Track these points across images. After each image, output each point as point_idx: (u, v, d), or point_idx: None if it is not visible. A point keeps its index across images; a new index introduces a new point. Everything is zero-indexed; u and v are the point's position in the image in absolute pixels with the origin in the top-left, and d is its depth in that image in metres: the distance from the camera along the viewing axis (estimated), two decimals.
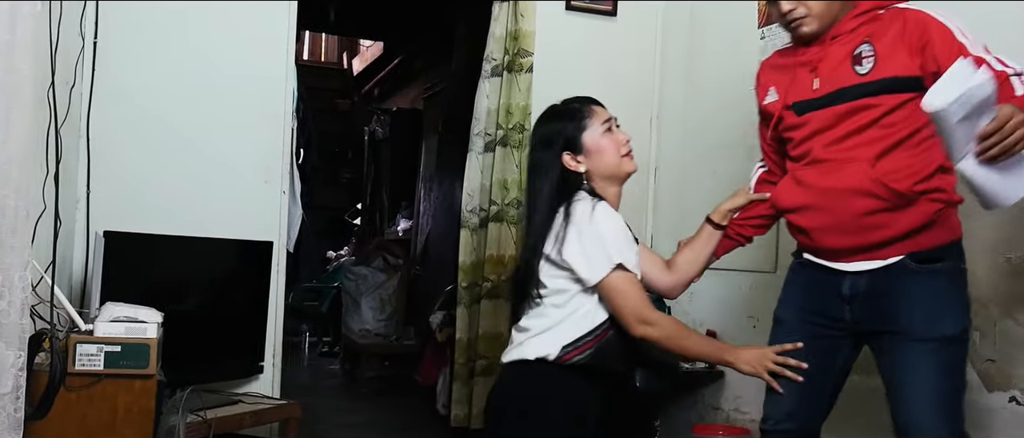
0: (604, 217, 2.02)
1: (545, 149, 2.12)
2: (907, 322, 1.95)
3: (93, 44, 3.12)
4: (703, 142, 3.78)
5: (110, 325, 2.08)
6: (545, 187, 2.09)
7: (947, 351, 1.96)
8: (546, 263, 2.05)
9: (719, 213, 2.29)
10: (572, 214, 2.03)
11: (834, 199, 2.00)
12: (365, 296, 6.54)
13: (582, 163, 2.10)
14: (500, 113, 3.67)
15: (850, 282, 2.04)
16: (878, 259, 2.00)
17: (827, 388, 2.13)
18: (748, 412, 3.43)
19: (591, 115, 2.14)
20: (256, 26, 3.43)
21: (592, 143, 2.11)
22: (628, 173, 2.18)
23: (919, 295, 1.96)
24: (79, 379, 2.02)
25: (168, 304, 2.38)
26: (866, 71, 1.98)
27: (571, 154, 2.10)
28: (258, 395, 3.29)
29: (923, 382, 1.94)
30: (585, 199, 2.05)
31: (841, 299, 2.05)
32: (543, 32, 3.74)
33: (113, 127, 3.19)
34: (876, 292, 2.01)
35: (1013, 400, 2.38)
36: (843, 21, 2.04)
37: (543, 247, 2.04)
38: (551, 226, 2.05)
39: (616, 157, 2.13)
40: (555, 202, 2.07)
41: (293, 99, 3.57)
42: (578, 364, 2.02)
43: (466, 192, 3.73)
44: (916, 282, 1.96)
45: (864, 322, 2.04)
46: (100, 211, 3.14)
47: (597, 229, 2.00)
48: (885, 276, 1.99)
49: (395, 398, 5.62)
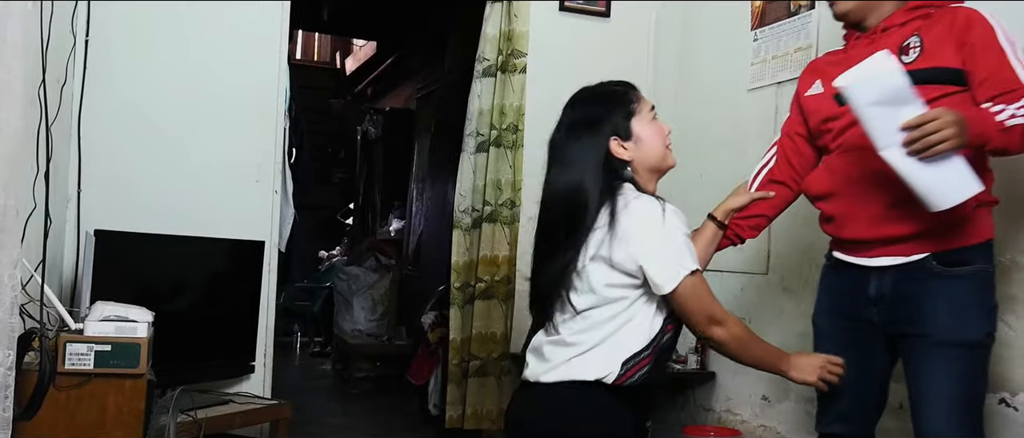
0: (675, 219, 1.84)
1: (588, 133, 1.89)
2: (931, 327, 1.96)
3: (85, 42, 3.11)
4: (695, 143, 3.77)
5: (100, 324, 2.07)
6: (586, 176, 1.85)
7: (970, 357, 1.96)
8: (597, 265, 1.83)
9: (722, 211, 2.24)
10: (635, 212, 1.82)
11: (862, 187, 2.01)
12: (357, 296, 6.54)
13: (628, 151, 1.91)
14: (493, 113, 3.67)
15: (876, 282, 2.05)
16: (902, 255, 2.00)
17: (872, 389, 2.15)
18: (739, 413, 3.44)
19: (639, 100, 1.95)
20: (248, 25, 3.42)
21: (641, 130, 1.92)
22: (670, 167, 1.98)
23: (943, 299, 1.96)
24: (69, 379, 2.00)
25: (159, 303, 2.37)
26: (911, 60, 1.97)
27: (619, 140, 1.90)
28: (249, 395, 3.28)
29: (943, 390, 1.95)
30: (643, 196, 1.86)
31: (868, 301, 2.07)
32: (536, 33, 3.74)
33: (104, 125, 3.18)
34: (901, 295, 2.01)
35: (1003, 402, 2.38)
36: (895, 15, 2.06)
37: (590, 246, 1.82)
38: (597, 221, 1.83)
39: (663, 147, 1.95)
40: (603, 193, 1.84)
41: (285, 98, 3.56)
42: (637, 384, 1.82)
43: (459, 192, 3.73)
44: (941, 286, 1.96)
45: (891, 324, 2.05)
46: (90, 210, 3.13)
47: (669, 232, 1.82)
48: (910, 278, 1.99)
49: (387, 398, 5.61)
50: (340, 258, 7.98)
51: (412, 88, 7.65)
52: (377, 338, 6.34)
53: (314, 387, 6.11)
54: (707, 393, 3.60)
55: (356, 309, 6.48)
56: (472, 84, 3.74)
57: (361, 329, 6.41)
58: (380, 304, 6.56)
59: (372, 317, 6.50)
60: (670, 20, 4.02)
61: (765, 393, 3.32)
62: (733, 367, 3.47)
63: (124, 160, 3.22)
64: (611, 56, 4.01)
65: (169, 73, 3.30)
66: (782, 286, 3.23)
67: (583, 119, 1.92)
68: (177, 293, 3.11)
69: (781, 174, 2.29)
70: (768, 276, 3.30)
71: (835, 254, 2.19)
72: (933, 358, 1.96)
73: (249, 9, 3.42)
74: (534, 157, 3.73)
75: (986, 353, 2.01)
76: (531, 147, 3.69)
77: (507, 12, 3.69)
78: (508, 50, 3.68)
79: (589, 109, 1.93)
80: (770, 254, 3.28)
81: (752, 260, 3.29)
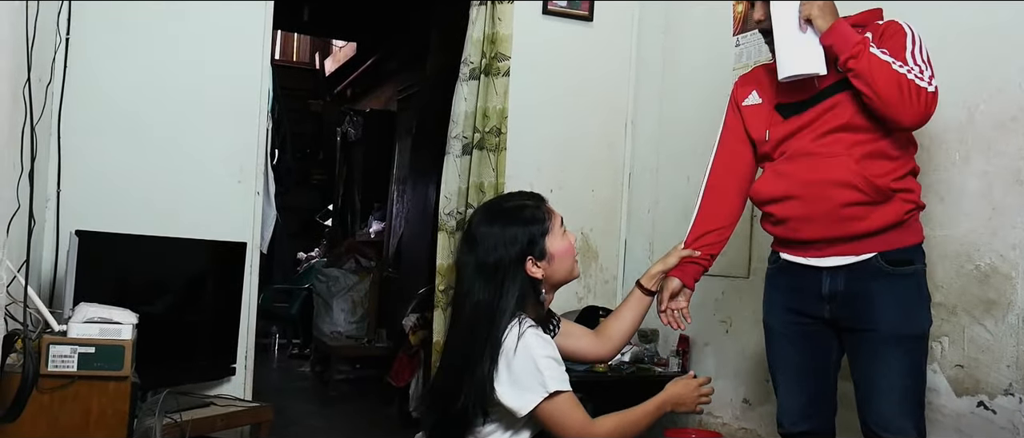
0: (536, 343, 1.86)
1: (505, 253, 1.91)
2: (881, 321, 2.09)
3: (65, 41, 3.08)
4: (677, 147, 3.81)
5: (84, 326, 2.06)
6: (509, 300, 1.88)
7: (917, 350, 2.12)
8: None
9: (649, 278, 2.29)
10: (507, 348, 1.85)
11: (817, 190, 2.12)
12: (336, 298, 6.51)
13: (541, 269, 1.94)
14: (477, 116, 3.67)
15: (829, 281, 2.17)
16: (852, 254, 2.13)
17: (829, 382, 2.27)
18: (720, 416, 3.46)
19: (551, 215, 1.99)
20: (232, 25, 3.40)
21: (555, 248, 1.96)
22: (575, 277, 2.05)
23: (892, 297, 2.10)
24: (52, 380, 1.99)
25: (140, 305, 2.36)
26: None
27: (533, 260, 1.93)
28: (230, 397, 3.26)
29: (896, 382, 2.08)
30: (513, 332, 1.87)
31: (821, 298, 2.19)
32: (520, 36, 3.74)
33: (86, 125, 3.15)
34: (852, 292, 2.14)
35: (981, 405, 2.42)
36: None
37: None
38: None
39: (571, 261, 2.01)
40: (512, 315, 1.88)
41: (268, 99, 3.54)
42: None
43: (444, 194, 3.73)
44: (890, 284, 2.10)
45: (842, 320, 2.17)
46: (71, 210, 3.10)
47: (528, 355, 1.84)
48: (861, 277, 2.12)
49: (367, 401, 5.59)
50: (319, 260, 7.94)
51: (393, 90, 7.63)
52: (357, 340, 6.31)
53: (293, 389, 6.07)
54: None
55: (336, 311, 6.45)
56: (457, 86, 3.74)
57: (341, 331, 6.38)
58: (360, 306, 6.53)
59: (352, 319, 6.47)
60: (653, 24, 4.05)
61: (746, 396, 3.35)
62: (714, 370, 3.50)
63: (105, 160, 3.19)
64: (594, 60, 4.04)
65: (151, 72, 3.27)
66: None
67: (499, 240, 1.92)
68: (159, 294, 3.09)
69: (728, 183, 2.38)
70: (750, 279, 3.32)
71: (783, 256, 2.29)
72: (885, 352, 2.09)
73: (232, 9, 3.40)
74: (517, 160, 3.74)
75: (927, 345, 2.18)
76: (514, 150, 3.70)
77: (491, 15, 3.70)
78: (492, 53, 3.68)
79: (504, 230, 1.93)
80: (751, 258, 3.31)
81: (734, 264, 3.31)
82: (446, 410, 1.90)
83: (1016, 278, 2.36)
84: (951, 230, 2.49)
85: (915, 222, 2.16)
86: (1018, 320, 2.35)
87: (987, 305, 2.43)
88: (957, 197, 2.51)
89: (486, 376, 1.84)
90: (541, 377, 1.84)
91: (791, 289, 2.27)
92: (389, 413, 5.02)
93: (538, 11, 3.91)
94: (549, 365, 1.86)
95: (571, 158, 3.99)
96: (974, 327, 2.46)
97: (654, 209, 3.93)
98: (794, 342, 2.27)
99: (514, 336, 1.86)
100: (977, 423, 2.42)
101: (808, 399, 2.26)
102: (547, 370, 1.85)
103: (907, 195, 2.12)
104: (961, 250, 2.49)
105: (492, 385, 1.84)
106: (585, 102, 4.04)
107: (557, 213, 2.02)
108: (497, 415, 1.89)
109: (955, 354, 2.50)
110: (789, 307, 2.27)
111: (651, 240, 3.93)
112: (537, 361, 1.84)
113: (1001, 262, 2.40)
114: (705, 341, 3.53)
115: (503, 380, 1.85)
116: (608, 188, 4.09)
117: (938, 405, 2.52)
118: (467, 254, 1.95)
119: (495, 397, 1.86)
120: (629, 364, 3.56)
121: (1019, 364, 2.34)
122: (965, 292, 2.49)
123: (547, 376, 1.84)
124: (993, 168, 2.44)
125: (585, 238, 4.00)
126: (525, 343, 1.85)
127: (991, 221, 2.43)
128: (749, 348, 3.33)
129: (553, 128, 3.94)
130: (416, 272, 5.59)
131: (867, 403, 2.12)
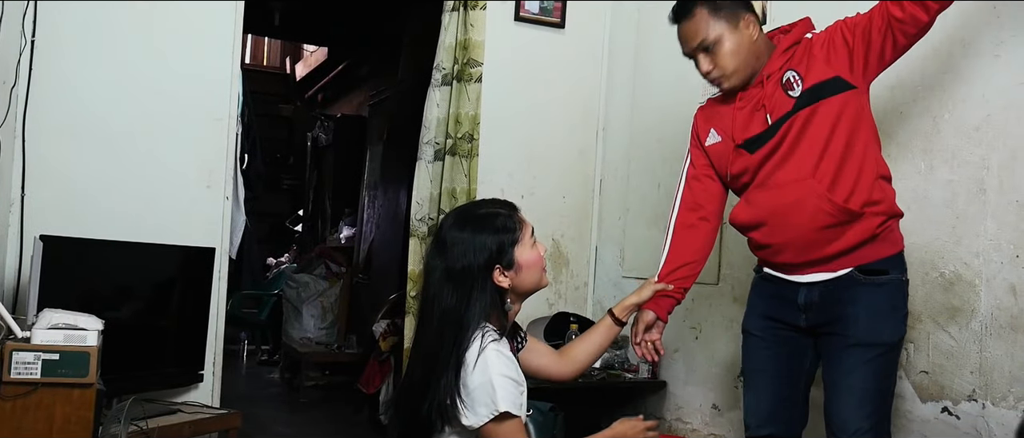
0: (495, 359, 1.85)
1: (474, 260, 1.90)
2: (852, 328, 2.13)
3: (30, 42, 3.04)
4: (648, 154, 3.83)
5: (49, 332, 2.03)
6: (475, 309, 1.87)
7: (885, 357, 2.14)
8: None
9: (623, 309, 2.28)
10: (467, 362, 1.85)
11: (787, 218, 2.16)
12: (306, 304, 6.47)
13: (508, 279, 1.93)
14: (450, 122, 3.67)
15: (805, 293, 2.21)
16: (829, 271, 2.18)
17: (800, 388, 2.30)
18: (690, 422, 3.48)
19: (522, 226, 1.97)
20: (202, 28, 3.37)
21: (524, 258, 1.95)
22: (544, 287, 2.04)
23: (865, 304, 2.13)
24: (14, 388, 1.97)
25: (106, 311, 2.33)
26: (797, 93, 2.15)
27: (502, 269, 1.92)
28: (198, 404, 3.23)
29: (857, 384, 2.12)
30: (474, 346, 1.86)
31: (797, 307, 2.23)
32: (492, 42, 3.75)
33: (52, 128, 3.11)
34: (827, 302, 2.18)
35: (945, 410, 2.46)
36: (771, 61, 2.22)
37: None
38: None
39: (540, 272, 2.00)
40: (476, 327, 1.87)
41: (238, 103, 3.52)
42: None
43: (415, 201, 3.71)
44: (863, 292, 2.14)
45: (817, 327, 2.21)
46: (35, 214, 3.06)
47: (486, 371, 1.83)
48: (834, 289, 2.17)
49: (336, 407, 5.55)
50: (289, 265, 7.88)
51: (364, 95, 7.61)
52: (327, 346, 6.27)
53: (262, 396, 6.01)
54: (658, 402, 3.64)
55: (305, 317, 6.41)
56: (429, 92, 3.73)
57: (311, 337, 6.34)
58: (330, 312, 6.49)
59: (322, 325, 6.43)
60: (624, 32, 4.07)
61: (715, 402, 3.37)
62: (684, 376, 3.52)
63: (71, 163, 3.15)
64: (566, 66, 4.06)
65: (119, 75, 3.23)
66: (732, 296, 3.29)
67: (468, 248, 1.90)
68: (125, 300, 3.05)
69: (695, 220, 2.40)
70: (719, 286, 3.35)
71: (766, 270, 2.35)
72: (850, 356, 2.13)
73: (202, 11, 3.37)
74: (489, 166, 3.74)
75: (897, 354, 2.21)
76: (486, 156, 3.70)
77: (463, 21, 3.70)
78: (464, 59, 3.68)
79: (474, 237, 1.92)
80: (720, 265, 3.34)
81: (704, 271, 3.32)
82: (413, 415, 1.89)
83: (979, 286, 2.40)
84: (916, 238, 2.53)
85: (891, 232, 2.18)
86: (981, 327, 2.39)
87: (951, 312, 2.47)
88: (922, 205, 2.55)
89: (450, 386, 1.83)
90: (494, 394, 1.82)
91: (771, 296, 2.31)
92: (359, 420, 4.99)
93: (510, 17, 3.92)
94: (504, 384, 1.84)
95: (542, 164, 4.00)
96: (938, 333, 2.49)
97: (625, 216, 3.94)
98: (769, 346, 2.31)
99: (475, 349, 1.85)
100: (941, 428, 2.46)
101: (778, 402, 2.29)
102: (500, 389, 1.83)
103: (876, 207, 2.12)
104: (926, 258, 2.53)
105: (452, 397, 1.83)
106: (557, 108, 4.05)
107: (528, 223, 2.00)
108: (458, 427, 1.88)
109: (920, 360, 2.54)
110: (768, 314, 2.32)
111: (622, 247, 3.94)
112: (493, 378, 1.83)
113: (965, 270, 2.44)
114: (675, 348, 3.55)
115: (460, 393, 1.84)
116: (579, 194, 4.11)
117: (904, 411, 2.55)
118: (436, 258, 1.94)
119: (452, 410, 1.85)
120: (599, 370, 3.57)
121: (982, 370, 2.38)
122: (930, 299, 2.52)
123: (499, 395, 1.82)
124: (957, 177, 2.48)
125: (556, 244, 4.01)
126: (485, 358, 1.83)
127: (955, 229, 2.47)
128: (718, 355, 3.35)
129: (525, 134, 3.95)
130: (387, 278, 5.57)
131: (829, 404, 2.17)
